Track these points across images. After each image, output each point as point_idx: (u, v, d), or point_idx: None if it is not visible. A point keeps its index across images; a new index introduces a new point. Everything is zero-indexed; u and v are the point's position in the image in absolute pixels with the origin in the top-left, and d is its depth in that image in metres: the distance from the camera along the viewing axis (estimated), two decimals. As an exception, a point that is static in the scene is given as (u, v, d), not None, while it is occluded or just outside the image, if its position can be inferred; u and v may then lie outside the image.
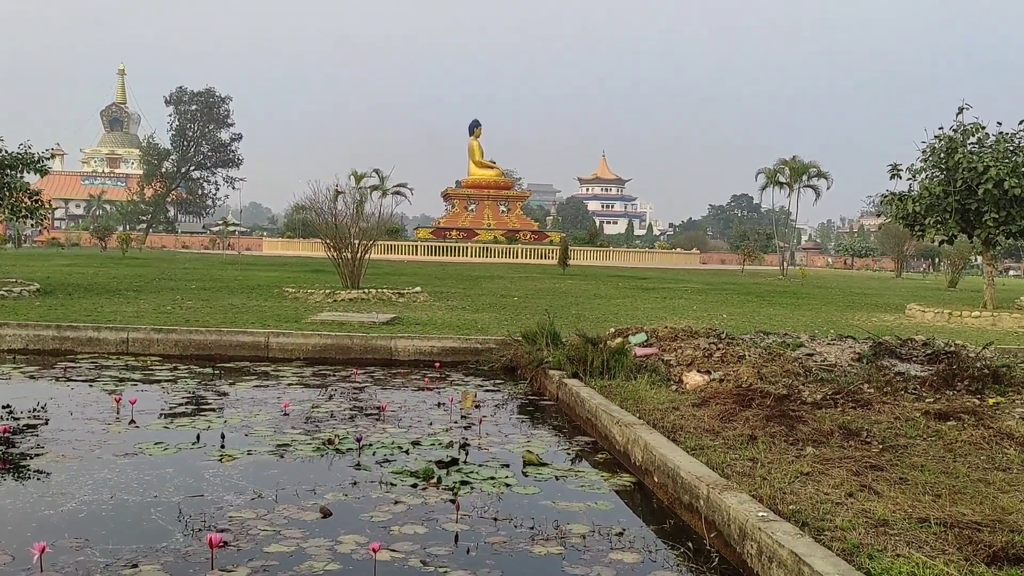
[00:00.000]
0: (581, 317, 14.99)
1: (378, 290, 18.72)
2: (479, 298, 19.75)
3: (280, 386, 9.33)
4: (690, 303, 20.34)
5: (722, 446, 5.80)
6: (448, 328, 12.86)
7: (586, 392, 7.93)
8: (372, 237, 20.72)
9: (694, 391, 7.83)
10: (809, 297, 25.27)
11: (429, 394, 9.15)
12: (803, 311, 19.05)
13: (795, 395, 7.27)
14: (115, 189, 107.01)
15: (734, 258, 78.57)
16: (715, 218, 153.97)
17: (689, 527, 4.95)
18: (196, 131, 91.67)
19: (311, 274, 27.79)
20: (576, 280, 31.19)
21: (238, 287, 20.94)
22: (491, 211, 73.90)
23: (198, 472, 5.85)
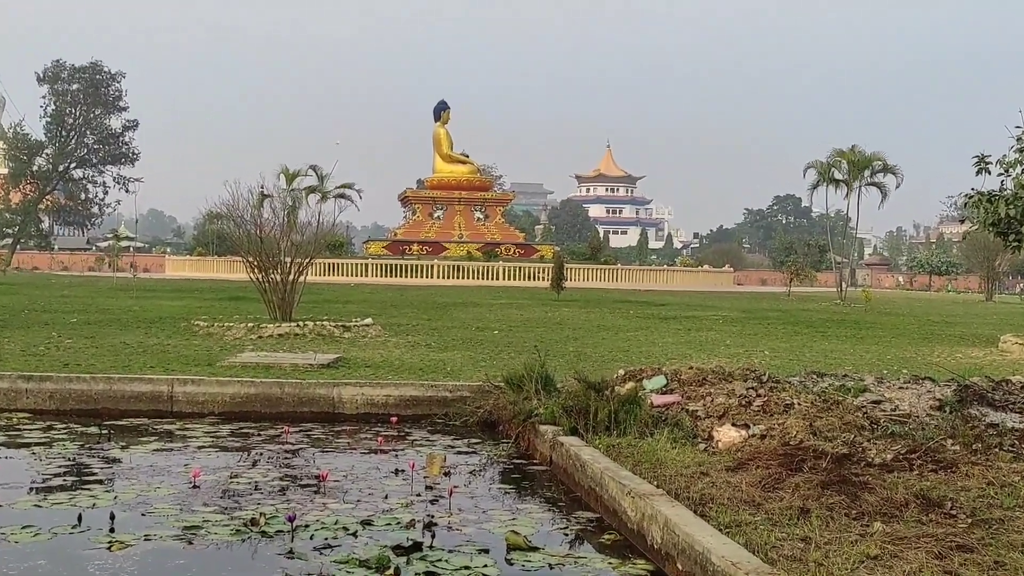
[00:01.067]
0: (581, 356, 15.00)
1: (317, 323, 18.67)
2: (449, 332, 19.74)
3: (188, 449, 9.29)
4: (722, 336, 20.40)
5: (765, 522, 5.80)
6: (408, 372, 12.85)
7: (588, 453, 7.91)
8: (309, 254, 20.69)
9: (728, 451, 7.83)
10: (875, 327, 25.41)
11: (384, 458, 9.11)
12: (867, 345, 19.14)
13: (858, 455, 7.28)
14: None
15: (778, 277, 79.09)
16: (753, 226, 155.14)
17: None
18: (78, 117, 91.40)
19: (229, 303, 27.71)
20: (574, 307, 31.24)
21: (133, 320, 20.85)
22: (463, 218, 74.08)
23: (80, 563, 5.81)
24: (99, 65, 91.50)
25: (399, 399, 11.30)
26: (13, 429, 10.05)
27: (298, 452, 9.32)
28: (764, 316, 29.29)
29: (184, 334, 17.61)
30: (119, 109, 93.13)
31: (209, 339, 16.84)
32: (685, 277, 71.99)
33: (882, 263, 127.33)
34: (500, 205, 79.03)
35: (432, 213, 74.78)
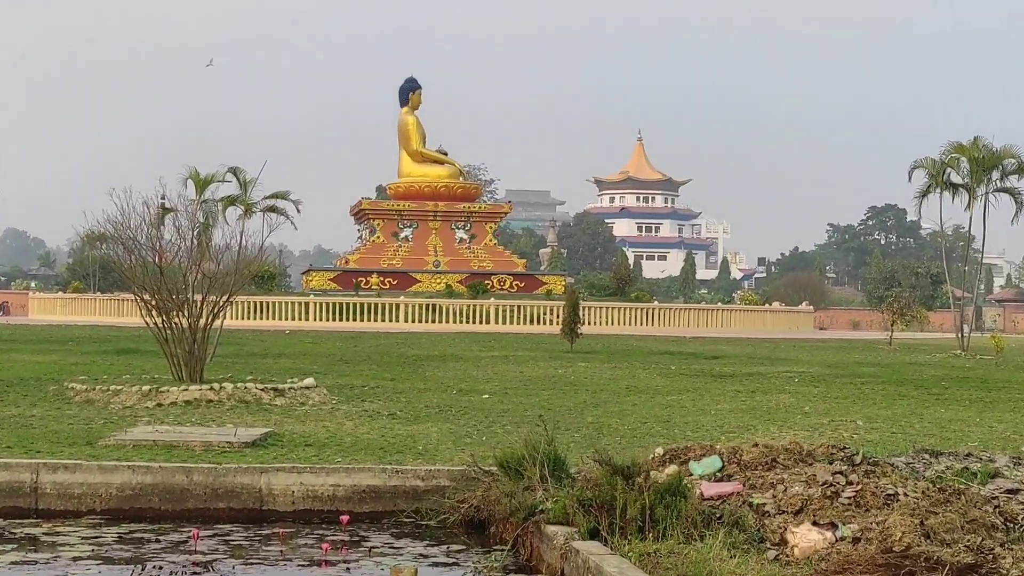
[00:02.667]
0: (604, 429, 14.97)
1: (238, 385, 18.64)
2: (421, 396, 19.71)
3: (60, 562, 9.26)
4: (799, 401, 20.37)
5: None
6: (365, 452, 12.83)
7: (615, 566, 7.89)
8: (228, 290, 20.65)
9: (808, 560, 7.81)
10: (1009, 387, 25.36)
11: (331, 572, 9.09)
12: (999, 412, 19.12)
13: (988, 565, 7.27)
14: None
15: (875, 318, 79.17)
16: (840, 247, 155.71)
17: None
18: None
19: (116, 357, 27.67)
20: (594, 361, 31.20)
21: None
22: (441, 239, 74.14)
23: None
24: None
25: (352, 490, 11.27)
26: None
27: (211, 566, 9.29)
28: (856, 372, 29.26)
29: (54, 401, 17.57)
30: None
31: (89, 408, 16.79)
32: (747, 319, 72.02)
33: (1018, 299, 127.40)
34: (492, 221, 78.99)
35: (398, 232, 74.65)
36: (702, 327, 65.66)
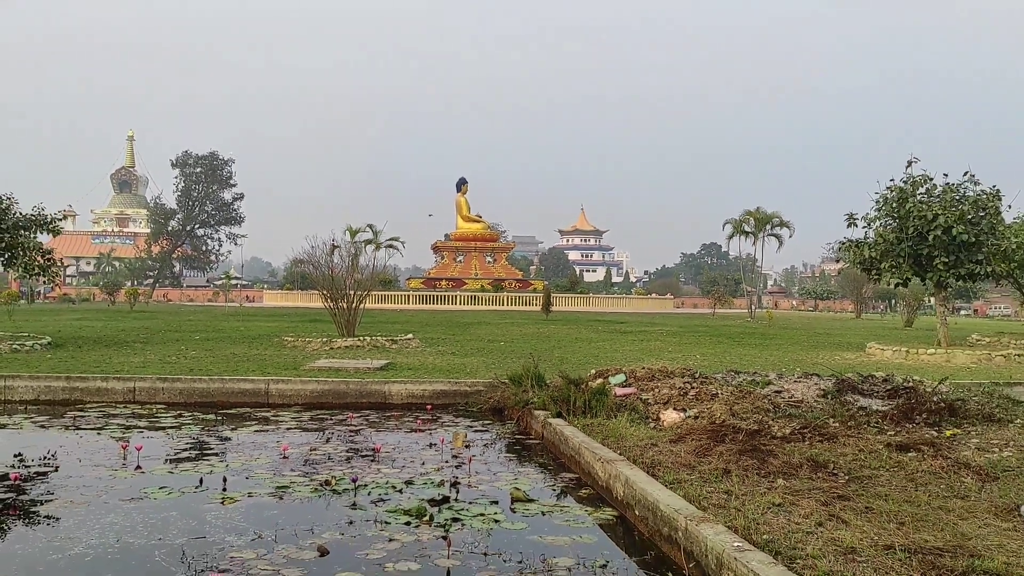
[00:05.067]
0: (564, 360, 14.96)
1: (372, 338, 18.63)
2: (467, 344, 19.70)
3: (279, 431, 9.22)
4: (665, 345, 20.36)
5: (698, 480, 5.77)
6: (438, 372, 12.80)
7: (570, 431, 7.88)
8: (366, 288, 20.67)
9: (671, 428, 7.79)
10: (776, 338, 25.34)
11: (421, 435, 9.06)
12: (770, 351, 19.09)
13: (765, 430, 7.26)
14: (124, 247, 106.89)
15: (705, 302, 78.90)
16: (687, 265, 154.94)
17: (669, 558, 4.90)
18: (200, 192, 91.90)
19: (309, 324, 27.68)
20: (559, 325, 31.19)
21: (239, 337, 20.80)
22: (478, 261, 74.03)
23: (201, 515, 5.75)
24: (216, 154, 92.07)
25: (432, 392, 11.26)
26: (153, 417, 10.02)
27: (359, 432, 9.27)
28: (696, 331, 29.22)
29: (276, 347, 17.57)
30: (230, 185, 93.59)
31: (294, 350, 16.81)
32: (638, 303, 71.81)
33: (780, 292, 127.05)
34: (504, 252, 78.94)
35: (456, 258, 74.67)
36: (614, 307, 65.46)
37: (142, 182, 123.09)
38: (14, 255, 16.76)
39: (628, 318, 42.77)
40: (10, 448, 8.18)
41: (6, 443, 8.55)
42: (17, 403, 10.98)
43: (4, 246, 16.41)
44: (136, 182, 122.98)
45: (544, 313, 41.14)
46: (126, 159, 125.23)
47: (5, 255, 16.71)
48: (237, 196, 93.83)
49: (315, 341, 17.95)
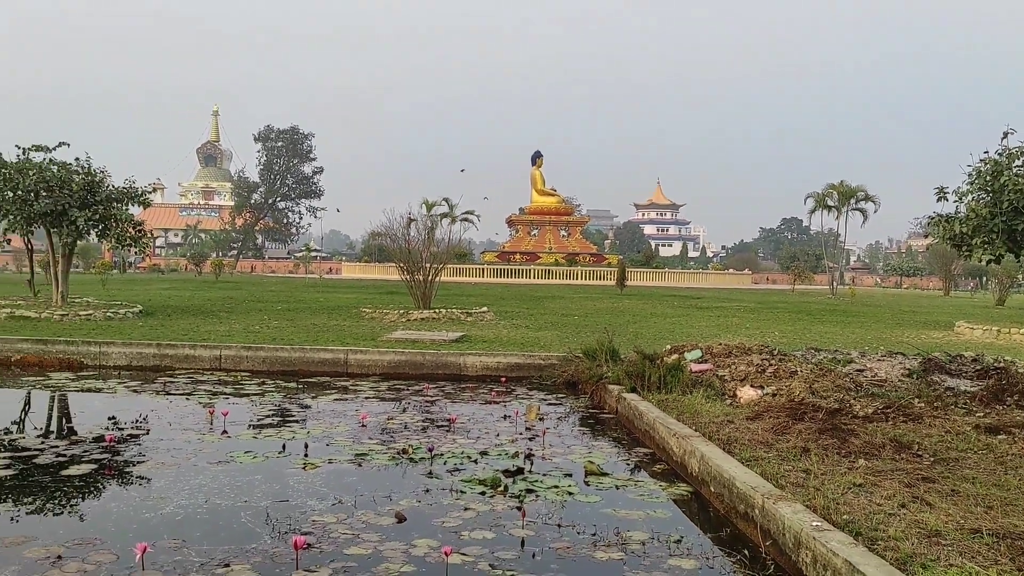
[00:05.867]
0: (638, 335, 14.85)
1: (448, 310, 18.82)
2: (542, 317, 19.72)
3: (358, 399, 9.43)
4: (743, 321, 20.00)
5: (776, 458, 5.68)
6: (513, 345, 12.86)
7: (644, 406, 7.84)
8: (442, 261, 20.82)
9: (747, 405, 7.68)
10: (859, 315, 24.63)
11: (496, 407, 9.15)
12: (853, 328, 18.57)
13: (846, 409, 7.09)
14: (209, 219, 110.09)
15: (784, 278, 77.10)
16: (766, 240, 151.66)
17: (745, 535, 4.85)
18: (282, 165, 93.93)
19: (386, 295, 28.09)
20: (633, 300, 30.95)
21: (319, 308, 21.24)
22: (552, 236, 73.79)
23: (284, 479, 5.94)
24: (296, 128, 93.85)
25: (507, 365, 11.33)
26: (238, 384, 10.35)
27: (435, 402, 9.40)
28: (774, 307, 28.61)
29: (355, 318, 17.88)
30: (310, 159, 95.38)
31: (372, 321, 17.09)
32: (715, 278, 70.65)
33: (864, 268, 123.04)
34: (579, 226, 78.42)
35: (530, 232, 74.56)
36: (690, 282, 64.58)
37: (226, 156, 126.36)
38: (107, 227, 17.42)
39: (704, 293, 42.15)
40: (105, 411, 8.58)
41: (102, 406, 8.97)
42: (111, 368, 11.49)
43: (98, 218, 17.07)
44: (221, 156, 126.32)
45: (618, 288, 40.83)
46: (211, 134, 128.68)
47: (99, 226, 17.38)
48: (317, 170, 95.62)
49: (392, 313, 18.22)
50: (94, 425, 7.76)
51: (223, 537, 4.66)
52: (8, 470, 6.07)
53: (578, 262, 67.80)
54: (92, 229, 17.50)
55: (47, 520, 5.02)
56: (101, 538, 4.59)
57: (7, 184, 16.52)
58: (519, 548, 4.60)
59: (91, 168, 17.53)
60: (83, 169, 17.40)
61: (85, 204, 16.86)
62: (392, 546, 4.54)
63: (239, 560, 4.29)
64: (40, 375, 10.89)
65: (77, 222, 16.68)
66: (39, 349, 11.90)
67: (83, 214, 16.69)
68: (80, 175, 17.16)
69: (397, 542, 4.60)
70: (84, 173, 17.28)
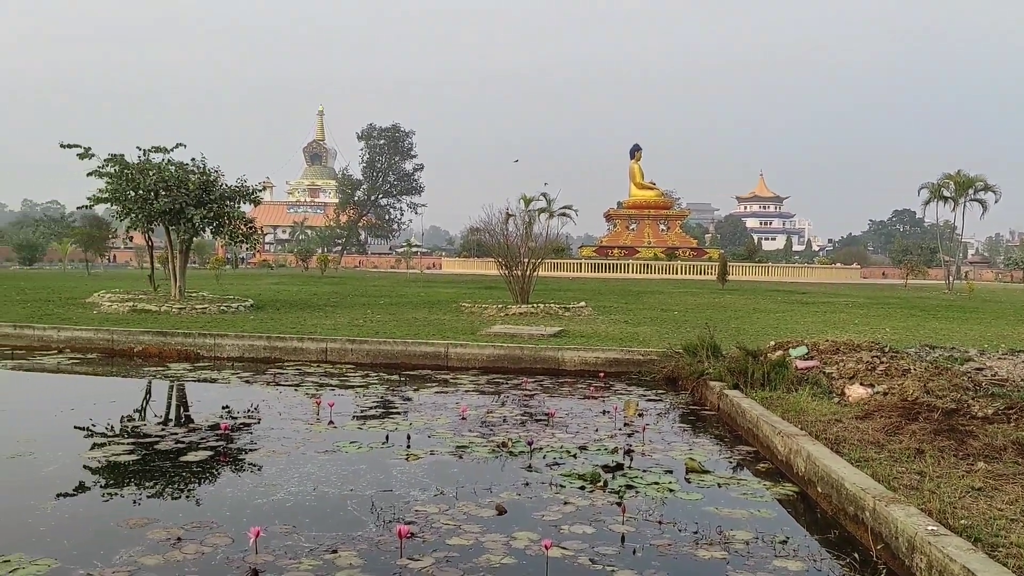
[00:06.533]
0: (740, 331, 14.53)
1: (546, 305, 18.85)
2: (640, 312, 19.53)
3: (458, 393, 9.55)
4: (851, 317, 19.30)
5: (887, 459, 5.47)
6: (611, 341, 12.78)
7: (747, 403, 7.68)
8: (540, 256, 20.85)
9: (857, 404, 7.42)
10: (977, 311, 23.40)
11: (594, 402, 9.11)
12: (971, 325, 17.66)
13: (964, 410, 6.75)
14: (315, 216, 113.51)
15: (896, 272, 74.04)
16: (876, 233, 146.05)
17: (854, 538, 4.69)
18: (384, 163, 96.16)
19: (485, 290, 28.35)
20: (735, 295, 30.30)
21: (420, 302, 21.60)
22: (651, 230, 72.98)
23: (387, 469, 6.08)
24: (398, 126, 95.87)
25: (605, 360, 11.27)
26: (343, 376, 10.64)
27: (533, 397, 9.43)
28: (885, 302, 27.50)
29: (454, 312, 18.10)
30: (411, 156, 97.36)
31: (471, 316, 17.25)
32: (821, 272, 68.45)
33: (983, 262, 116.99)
34: (678, 220, 77.30)
35: (628, 226, 73.92)
36: (795, 277, 62.81)
37: (331, 154, 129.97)
38: (221, 224, 18.19)
39: (810, 288, 40.88)
40: (219, 400, 8.97)
41: (216, 396, 9.39)
42: (225, 359, 12.00)
43: (212, 215, 17.84)
44: (326, 154, 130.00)
45: (720, 282, 40.02)
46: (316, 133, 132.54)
47: (213, 224, 18.16)
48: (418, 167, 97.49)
49: (491, 307, 18.37)
50: (209, 414, 8.13)
51: (331, 524, 4.81)
52: (132, 455, 6.43)
53: (678, 256, 66.85)
54: (207, 226, 18.29)
55: (167, 503, 5.29)
56: (217, 521, 4.81)
57: (129, 184, 17.45)
58: (619, 544, 4.58)
59: (206, 168, 18.34)
60: (198, 169, 18.22)
61: (200, 202, 17.63)
62: (493, 538, 4.59)
63: (346, 546, 4.43)
64: (160, 365, 11.47)
65: (193, 220, 17.47)
66: (159, 341, 12.54)
67: (199, 212, 17.46)
68: (196, 175, 17.97)
69: (498, 534, 4.65)
70: (199, 173, 18.09)
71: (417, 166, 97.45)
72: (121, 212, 17.94)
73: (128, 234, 19.94)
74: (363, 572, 4.10)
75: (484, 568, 4.18)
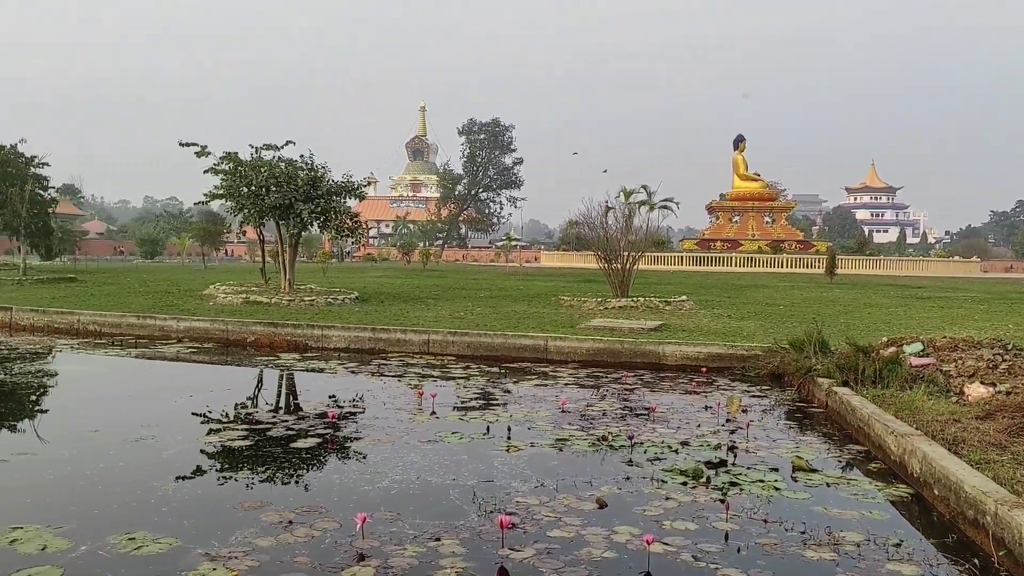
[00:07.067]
0: (850, 326, 14.01)
1: (646, 298, 18.64)
2: (744, 307, 19.09)
3: (557, 385, 9.57)
4: (971, 312, 18.33)
5: (1011, 461, 5.18)
6: (714, 335, 12.55)
7: (857, 401, 7.41)
8: (640, 249, 20.61)
9: (977, 403, 7.05)
10: (1112, 307, 21.87)
11: (696, 398, 8.98)
12: (1105, 322, 16.52)
13: (1097, 412, 6.33)
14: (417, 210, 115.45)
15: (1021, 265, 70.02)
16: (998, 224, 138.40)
17: (973, 543, 4.47)
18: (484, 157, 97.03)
19: (584, 284, 28.25)
20: (844, 289, 29.23)
21: (519, 295, 21.70)
22: (755, 222, 71.22)
23: (488, 460, 6.15)
24: (498, 120, 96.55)
25: (707, 355, 11.08)
26: (445, 367, 10.82)
27: (633, 391, 9.37)
28: (1008, 297, 25.99)
29: (554, 305, 18.11)
30: (510, 150, 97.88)
31: (570, 309, 17.23)
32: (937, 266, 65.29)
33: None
34: (784, 212, 75.19)
35: (731, 218, 72.36)
36: (909, 271, 60.18)
37: (432, 150, 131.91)
38: (328, 218, 18.73)
39: (925, 283, 39.06)
40: (327, 389, 9.26)
41: (324, 385, 9.69)
42: (332, 350, 12.37)
43: (320, 210, 18.39)
44: (427, 150, 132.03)
45: (828, 276, 38.68)
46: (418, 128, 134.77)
47: (321, 218, 18.71)
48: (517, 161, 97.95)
49: (590, 301, 18.29)
50: (317, 402, 8.40)
51: (434, 512, 4.90)
52: (246, 441, 6.70)
53: (783, 249, 65.03)
54: (315, 221, 18.87)
55: (278, 488, 5.50)
56: (325, 506, 4.97)
57: (243, 180, 18.17)
58: (723, 541, 4.50)
59: (314, 164, 18.91)
60: (307, 165, 18.81)
61: (309, 198, 18.20)
62: (593, 531, 4.58)
63: (449, 535, 4.50)
64: (271, 355, 11.92)
65: (302, 214, 18.05)
66: (270, 331, 13.03)
67: (307, 207, 18.03)
68: (304, 171, 18.56)
69: (598, 527, 4.64)
70: (308, 169, 18.67)
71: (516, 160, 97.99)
72: (235, 207, 18.72)
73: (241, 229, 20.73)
74: (465, 561, 4.16)
75: (585, 561, 4.18)
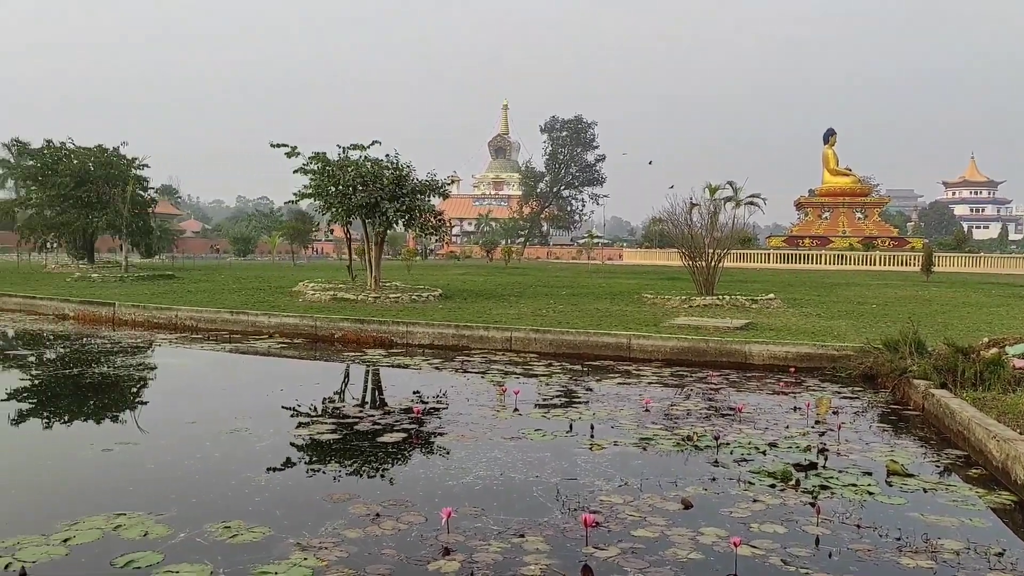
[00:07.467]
0: (947, 326, 13.46)
1: (731, 297, 18.31)
2: (834, 305, 18.54)
3: (641, 384, 9.48)
4: (1080, 313, 17.39)
5: None
6: (802, 334, 12.23)
7: (956, 404, 7.11)
8: (725, 246, 20.24)
9: (1088, 409, 6.68)
10: None
11: (784, 398, 8.77)
12: None
13: None
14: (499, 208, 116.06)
15: None
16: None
17: (1085, 557, 4.24)
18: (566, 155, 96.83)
19: (667, 281, 27.93)
20: (941, 288, 28.09)
21: (602, 293, 21.60)
22: (846, 218, 69.00)
23: (571, 457, 6.13)
24: (580, 117, 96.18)
25: (796, 355, 10.82)
26: (527, 364, 10.84)
27: (719, 390, 9.21)
28: (1121, 296, 24.55)
29: (636, 303, 17.98)
30: (593, 147, 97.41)
31: (654, 307, 17.07)
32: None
33: None
34: (877, 207, 72.58)
35: (821, 215, 70.28)
36: (1012, 268, 57.37)
37: (514, 148, 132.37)
38: (412, 217, 19.01)
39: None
40: (411, 385, 9.40)
41: (408, 381, 9.84)
42: (416, 346, 12.55)
43: (405, 209, 18.68)
44: (509, 148, 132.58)
45: (924, 274, 37.20)
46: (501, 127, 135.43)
47: (405, 216, 19.02)
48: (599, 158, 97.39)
49: (674, 299, 18.08)
50: (403, 398, 8.53)
51: (517, 509, 4.92)
52: (334, 435, 6.86)
53: (876, 246, 62.86)
54: (400, 219, 19.18)
55: (365, 481, 5.61)
56: (411, 500, 5.04)
57: (331, 180, 18.60)
58: (813, 546, 4.38)
59: (399, 163, 19.21)
60: (392, 164, 19.12)
61: (394, 196, 18.50)
62: (679, 532, 4.52)
63: (532, 532, 4.51)
64: (357, 351, 12.17)
65: (387, 213, 18.37)
66: (356, 328, 13.30)
67: (392, 205, 18.33)
68: (390, 170, 18.88)
69: (684, 528, 4.58)
70: (393, 168, 18.98)
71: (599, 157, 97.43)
72: (323, 206, 19.18)
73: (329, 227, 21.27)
74: (549, 558, 4.16)
75: (670, 562, 4.13)
